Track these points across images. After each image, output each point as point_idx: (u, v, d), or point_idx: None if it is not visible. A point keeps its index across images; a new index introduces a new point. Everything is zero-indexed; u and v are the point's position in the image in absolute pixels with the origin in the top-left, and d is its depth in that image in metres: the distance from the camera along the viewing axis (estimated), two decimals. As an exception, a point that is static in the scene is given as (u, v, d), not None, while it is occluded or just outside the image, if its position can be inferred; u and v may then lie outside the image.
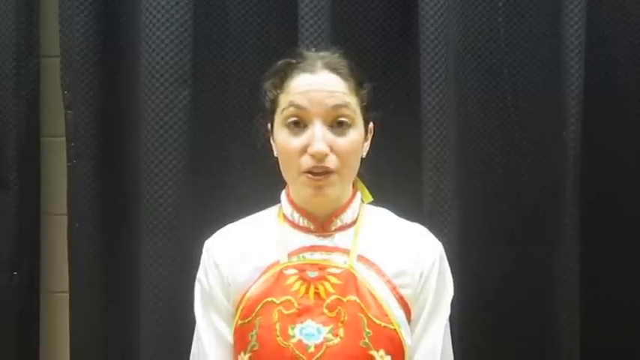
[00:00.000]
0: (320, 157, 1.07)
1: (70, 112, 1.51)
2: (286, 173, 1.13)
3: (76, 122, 1.51)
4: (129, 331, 1.52)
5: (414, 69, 1.45)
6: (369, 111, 1.17)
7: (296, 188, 1.14)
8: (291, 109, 1.09)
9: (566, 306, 1.49)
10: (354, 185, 1.20)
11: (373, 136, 1.20)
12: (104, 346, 1.55)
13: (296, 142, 1.09)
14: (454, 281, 1.18)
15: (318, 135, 1.07)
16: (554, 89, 1.48)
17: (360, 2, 1.51)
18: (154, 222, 1.42)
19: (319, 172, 1.08)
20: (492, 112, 1.54)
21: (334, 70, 1.11)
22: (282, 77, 1.13)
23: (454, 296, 1.17)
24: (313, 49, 1.21)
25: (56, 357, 1.64)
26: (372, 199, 1.23)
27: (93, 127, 1.52)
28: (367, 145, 1.18)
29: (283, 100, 1.12)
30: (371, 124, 1.19)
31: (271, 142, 1.17)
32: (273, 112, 1.15)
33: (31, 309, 1.61)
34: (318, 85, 1.09)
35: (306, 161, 1.08)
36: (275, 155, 1.16)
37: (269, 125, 1.17)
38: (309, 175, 1.08)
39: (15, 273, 1.57)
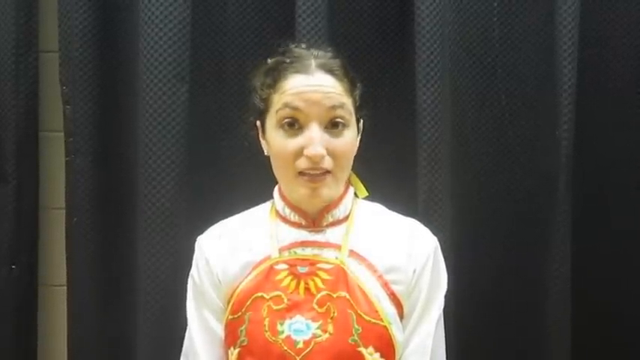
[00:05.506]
0: (317, 160, 1.05)
1: (68, 107, 1.52)
2: (281, 175, 1.12)
3: (75, 117, 1.52)
4: (126, 325, 1.53)
5: (409, 67, 1.46)
6: (360, 110, 1.15)
7: (291, 189, 1.11)
8: (287, 110, 1.07)
9: (558, 304, 1.50)
10: (347, 180, 1.19)
11: (363, 132, 1.18)
12: (101, 339, 1.56)
13: (292, 143, 1.07)
14: (448, 278, 1.16)
15: (316, 138, 1.05)
16: (547, 89, 1.50)
17: (357, 0, 1.52)
18: (151, 217, 1.43)
19: (315, 174, 1.07)
20: (486, 111, 1.55)
21: (329, 71, 1.09)
22: (275, 77, 1.10)
23: (448, 293, 1.15)
24: (304, 46, 1.16)
25: (54, 350, 1.65)
26: (367, 194, 1.21)
27: (91, 122, 1.53)
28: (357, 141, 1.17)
29: (277, 100, 1.09)
30: (361, 122, 1.17)
31: (260, 139, 1.16)
32: (264, 111, 1.12)
33: (29, 302, 1.61)
34: (314, 86, 1.07)
35: (302, 163, 1.06)
36: (265, 154, 1.14)
37: (258, 123, 1.15)
38: (306, 178, 1.07)
39: (13, 266, 1.58)
